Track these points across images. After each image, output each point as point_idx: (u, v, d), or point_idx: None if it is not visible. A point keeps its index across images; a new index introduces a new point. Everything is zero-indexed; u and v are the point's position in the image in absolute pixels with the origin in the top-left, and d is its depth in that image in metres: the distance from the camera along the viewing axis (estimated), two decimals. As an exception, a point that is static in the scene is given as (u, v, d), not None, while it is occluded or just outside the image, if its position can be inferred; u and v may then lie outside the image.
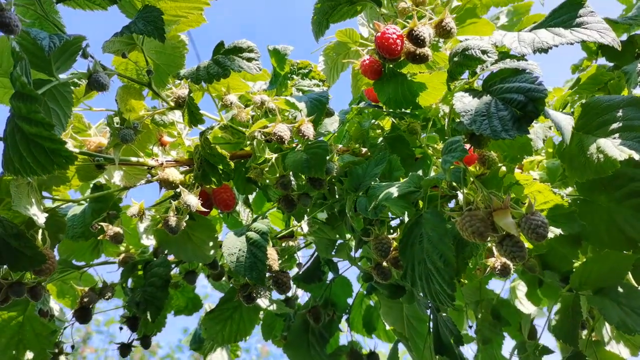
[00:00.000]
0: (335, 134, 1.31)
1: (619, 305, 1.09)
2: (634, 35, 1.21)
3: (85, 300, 1.20)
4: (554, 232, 1.08)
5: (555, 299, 1.37)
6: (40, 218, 1.06)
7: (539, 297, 1.53)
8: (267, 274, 1.06)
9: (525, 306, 1.63)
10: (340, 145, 1.30)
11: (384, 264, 1.13)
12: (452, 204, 1.29)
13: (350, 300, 1.58)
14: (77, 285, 1.25)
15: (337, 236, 1.41)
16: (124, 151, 1.20)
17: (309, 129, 1.05)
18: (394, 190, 1.09)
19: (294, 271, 1.56)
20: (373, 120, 1.34)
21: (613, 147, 1.01)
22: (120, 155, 1.13)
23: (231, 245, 1.02)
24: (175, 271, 1.48)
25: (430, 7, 1.35)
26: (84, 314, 1.21)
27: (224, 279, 1.50)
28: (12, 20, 0.81)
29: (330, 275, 1.55)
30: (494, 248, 1.11)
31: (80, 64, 1.15)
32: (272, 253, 1.04)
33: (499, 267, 1.07)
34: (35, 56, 0.90)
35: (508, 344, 1.93)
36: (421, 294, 1.30)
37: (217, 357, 1.54)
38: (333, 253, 1.41)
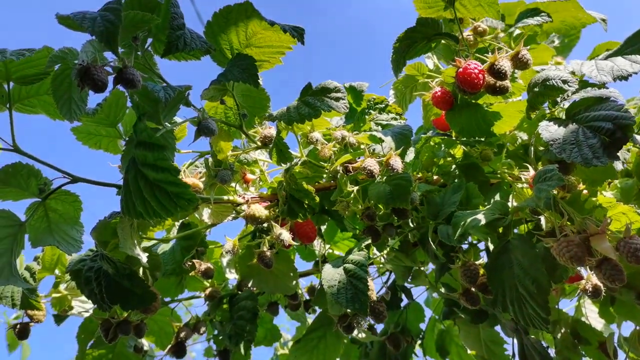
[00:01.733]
0: (410, 163, 1.36)
1: None
2: None
3: (182, 335, 1.25)
4: (643, 253, 1.09)
5: (632, 315, 1.38)
6: (143, 258, 1.13)
7: (612, 314, 1.53)
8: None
9: (593, 324, 1.63)
10: (419, 175, 1.34)
11: (472, 289, 1.16)
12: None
13: (422, 325, 1.60)
14: (172, 322, 1.30)
15: (413, 263, 1.44)
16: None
17: (397, 163, 1.09)
18: (481, 218, 1.12)
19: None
20: (445, 149, 1.37)
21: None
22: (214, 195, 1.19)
23: (330, 277, 1.06)
24: (254, 303, 1.53)
25: (490, 37, 1.41)
26: (179, 349, 1.26)
27: (300, 309, 1.54)
28: (135, 76, 0.88)
29: (404, 302, 1.58)
30: (583, 270, 1.13)
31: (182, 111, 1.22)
32: (370, 284, 1.08)
33: (590, 289, 1.09)
34: (147, 107, 0.97)
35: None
36: (507, 318, 1.33)
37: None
38: (409, 280, 1.44)
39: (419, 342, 1.59)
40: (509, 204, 1.19)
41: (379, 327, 1.57)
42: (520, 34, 1.44)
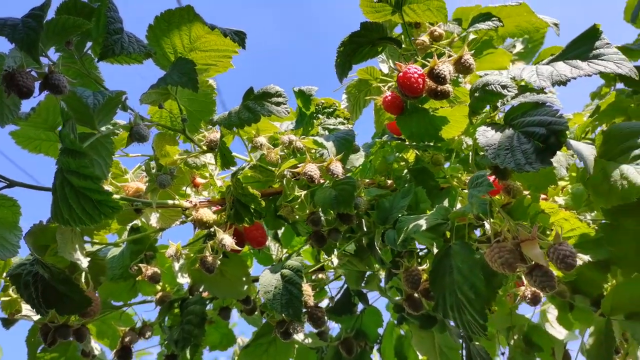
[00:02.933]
0: (360, 167, 1.35)
1: (652, 330, 1.10)
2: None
3: (127, 340, 1.24)
4: (582, 259, 1.09)
5: (588, 322, 1.37)
6: (84, 262, 1.12)
7: (571, 321, 1.53)
8: (303, 310, 1.09)
9: (557, 330, 1.63)
10: (367, 180, 1.33)
11: (415, 295, 1.16)
12: (477, 231, 1.32)
13: (380, 330, 1.60)
14: (118, 326, 1.30)
15: (367, 267, 1.43)
16: (160, 194, 1.25)
17: (337, 168, 1.09)
18: (423, 223, 1.12)
19: (324, 303, 1.58)
20: (397, 154, 1.37)
21: (636, 173, 1.03)
22: (157, 199, 1.18)
23: (267, 283, 1.05)
24: (209, 307, 1.52)
25: (447, 42, 1.40)
26: (125, 354, 1.25)
27: (256, 313, 1.53)
28: (61, 82, 0.87)
29: (360, 306, 1.57)
30: (523, 277, 1.13)
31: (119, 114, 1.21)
32: (307, 289, 1.07)
33: (529, 295, 1.09)
34: (79, 112, 0.96)
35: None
36: (452, 324, 1.32)
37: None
38: (363, 284, 1.43)
39: (377, 347, 1.58)
40: (456, 208, 1.18)
41: (336, 331, 1.57)
42: (473, 38, 1.43)
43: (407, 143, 1.34)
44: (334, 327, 1.60)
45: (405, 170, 1.38)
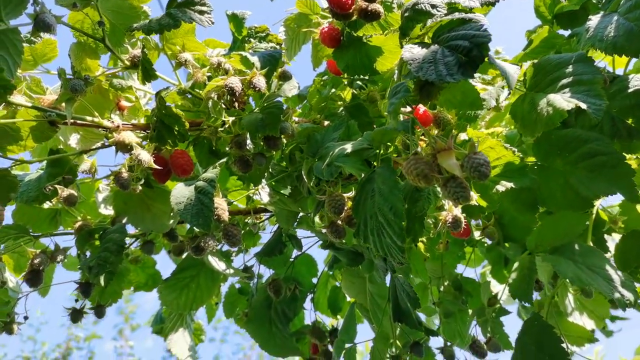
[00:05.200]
0: (293, 97, 1.32)
1: (575, 263, 1.09)
2: (587, 2, 1.23)
3: (36, 262, 1.17)
4: (505, 185, 1.08)
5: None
6: (-12, 170, 1.06)
7: (505, 275, 1.52)
8: (219, 226, 1.04)
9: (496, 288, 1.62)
10: (298, 109, 1.30)
11: (338, 222, 1.12)
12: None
13: (315, 280, 1.56)
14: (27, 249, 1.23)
15: (299, 209, 1.40)
16: (80, 111, 1.19)
17: (260, 81, 1.05)
18: (348, 147, 1.09)
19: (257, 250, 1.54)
20: (333, 90, 1.34)
21: (562, 100, 1.02)
22: (73, 113, 1.13)
23: (179, 194, 1.00)
24: (135, 246, 1.46)
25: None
26: (34, 277, 1.18)
27: (185, 254, 1.48)
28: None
29: (294, 254, 1.54)
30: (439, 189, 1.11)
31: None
32: (221, 203, 1.02)
33: (450, 219, 1.07)
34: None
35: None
36: (377, 261, 1.30)
37: (179, 337, 1.51)
38: (295, 226, 1.39)
39: (310, 297, 1.54)
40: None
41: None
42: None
43: (343, 77, 1.31)
44: (267, 276, 1.56)
45: (341, 109, 1.35)
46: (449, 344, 1.28)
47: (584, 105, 0.96)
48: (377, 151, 1.10)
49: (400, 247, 1.00)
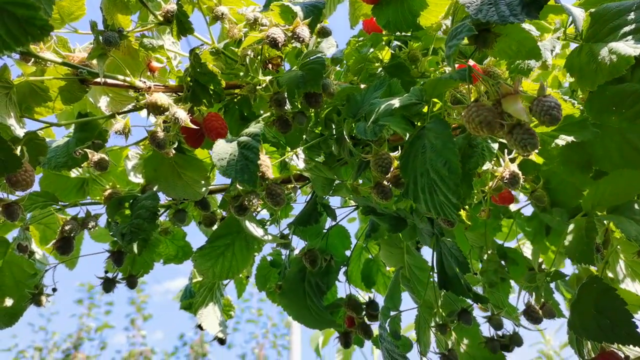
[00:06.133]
0: (332, 58, 1.26)
1: (637, 222, 1.03)
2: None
3: (67, 228, 1.12)
4: (565, 139, 1.02)
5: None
6: (18, 130, 1.01)
7: (547, 245, 1.46)
8: (261, 184, 0.99)
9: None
10: (337, 67, 1.24)
11: (384, 182, 1.07)
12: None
13: (348, 253, 1.51)
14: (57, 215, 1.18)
15: (335, 177, 1.34)
16: (110, 71, 1.14)
17: (304, 31, 0.99)
18: (395, 102, 1.03)
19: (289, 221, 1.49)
20: (372, 49, 1.28)
21: (626, 47, 0.96)
22: (105, 71, 1.07)
23: (221, 151, 0.95)
24: (163, 218, 1.41)
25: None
26: (65, 244, 1.13)
27: (215, 226, 1.43)
28: None
29: (328, 225, 1.48)
30: (501, 160, 1.05)
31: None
32: (265, 160, 0.97)
33: (507, 176, 1.01)
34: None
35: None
36: (423, 225, 1.24)
37: (209, 311, 1.46)
38: (330, 193, 1.34)
39: (344, 269, 1.49)
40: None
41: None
42: None
43: (383, 35, 1.25)
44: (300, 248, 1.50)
45: (380, 69, 1.29)
46: (495, 312, 1.22)
47: (652, 51, 0.90)
48: (424, 109, 1.05)
49: (455, 204, 0.94)
